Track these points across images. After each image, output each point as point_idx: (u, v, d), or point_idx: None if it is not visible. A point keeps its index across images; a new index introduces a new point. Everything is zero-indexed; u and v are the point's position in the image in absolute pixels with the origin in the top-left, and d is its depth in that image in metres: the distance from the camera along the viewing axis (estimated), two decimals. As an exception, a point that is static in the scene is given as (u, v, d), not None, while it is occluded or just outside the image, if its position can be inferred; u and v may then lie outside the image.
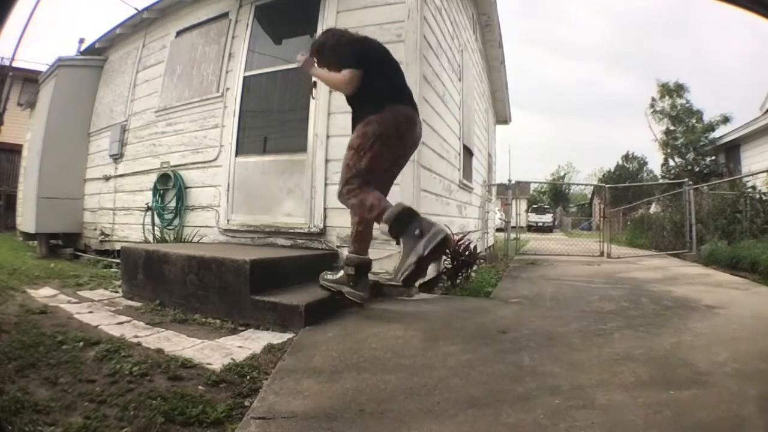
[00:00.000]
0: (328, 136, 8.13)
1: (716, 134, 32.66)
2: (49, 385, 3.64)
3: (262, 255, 6.65)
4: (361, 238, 5.85)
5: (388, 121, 5.44)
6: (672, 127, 37.07)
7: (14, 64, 19.81)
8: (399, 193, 7.41)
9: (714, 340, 5.05)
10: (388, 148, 5.62)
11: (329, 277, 6.11)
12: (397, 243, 5.05)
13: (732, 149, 27.23)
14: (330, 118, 8.17)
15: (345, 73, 5.49)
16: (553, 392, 3.55)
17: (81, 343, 4.65)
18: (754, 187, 17.45)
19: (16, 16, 2.22)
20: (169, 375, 3.93)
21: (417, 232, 4.80)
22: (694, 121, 35.84)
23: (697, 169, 32.44)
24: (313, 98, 8.29)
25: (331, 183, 8.00)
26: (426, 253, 4.74)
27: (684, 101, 37.34)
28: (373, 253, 7.39)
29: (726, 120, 33.30)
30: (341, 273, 5.93)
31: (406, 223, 4.91)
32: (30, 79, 22.43)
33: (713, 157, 31.95)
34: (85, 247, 13.25)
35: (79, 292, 7.56)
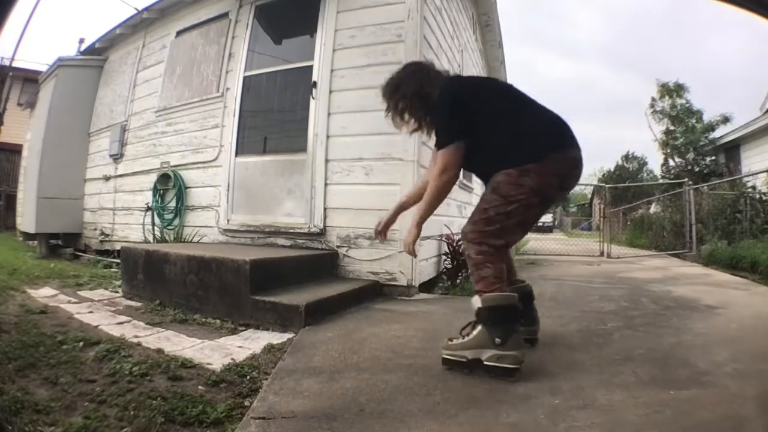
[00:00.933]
0: (328, 136, 8.13)
1: (716, 134, 32.64)
2: (49, 385, 3.65)
3: (262, 255, 6.65)
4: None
5: (549, 175, 4.05)
6: (672, 127, 37.05)
7: (14, 64, 19.81)
8: (399, 193, 7.42)
9: (714, 340, 5.04)
10: (547, 202, 4.39)
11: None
12: (475, 324, 3.98)
13: (732, 149, 27.20)
14: (330, 118, 8.17)
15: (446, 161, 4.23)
16: (553, 392, 3.55)
17: (81, 343, 4.65)
18: (754, 187, 17.44)
19: (16, 16, 2.21)
20: (169, 375, 3.94)
21: (498, 340, 3.83)
22: (693, 121, 35.81)
23: (697, 169, 32.40)
24: (313, 98, 8.29)
25: (331, 183, 8.03)
26: (485, 363, 3.86)
27: (684, 101, 37.34)
28: (373, 253, 7.42)
29: (726, 120, 33.29)
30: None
31: (502, 320, 3.90)
32: (30, 79, 22.43)
33: (713, 157, 31.92)
34: (85, 247, 13.26)
35: (79, 292, 7.56)
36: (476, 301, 3.97)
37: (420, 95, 4.44)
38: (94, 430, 2.99)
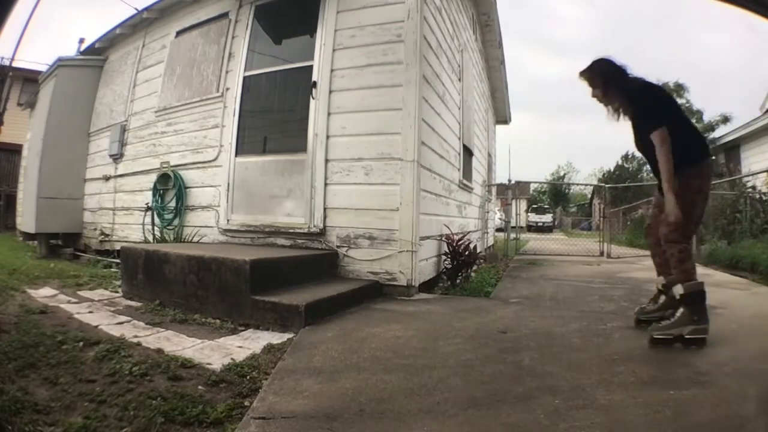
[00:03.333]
0: (328, 136, 8.13)
1: (716, 134, 32.63)
2: (49, 385, 3.65)
3: (262, 255, 6.65)
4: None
5: (706, 176, 5.25)
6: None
7: (14, 64, 19.82)
8: (399, 193, 7.43)
9: (714, 340, 5.03)
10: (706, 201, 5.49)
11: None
12: (678, 306, 5.01)
13: (732, 149, 27.18)
14: (330, 119, 8.16)
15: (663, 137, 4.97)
16: (553, 392, 3.56)
17: (81, 343, 4.66)
18: (754, 187, 17.44)
19: (16, 16, 2.22)
20: (169, 375, 3.94)
21: (695, 317, 4.85)
22: (693, 121, 35.85)
23: (697, 169, 32.43)
24: (313, 98, 8.29)
25: (331, 183, 8.03)
26: (687, 337, 4.81)
27: (684, 101, 37.34)
28: (373, 253, 7.42)
29: (726, 120, 33.33)
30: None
31: (698, 301, 4.93)
32: (30, 79, 22.46)
33: (713, 157, 31.94)
34: (85, 247, 13.25)
35: (79, 292, 7.57)
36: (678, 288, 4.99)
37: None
38: (94, 430, 3.00)
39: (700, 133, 5.33)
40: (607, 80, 5.29)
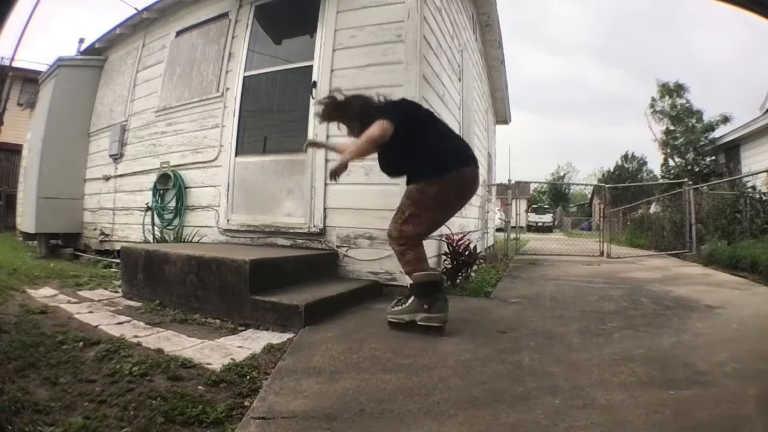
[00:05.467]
0: (327, 137, 8.10)
1: (716, 134, 32.64)
2: (49, 385, 3.65)
3: (261, 255, 6.66)
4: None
5: (450, 187, 5.44)
6: (672, 127, 37.07)
7: (14, 64, 19.80)
8: (399, 193, 7.43)
9: (714, 340, 5.05)
10: (449, 208, 5.84)
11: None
12: (408, 296, 5.43)
13: (732, 149, 27.20)
14: (330, 119, 8.13)
15: (379, 124, 5.10)
16: (553, 392, 3.56)
17: (81, 343, 4.67)
18: (754, 187, 17.45)
19: (16, 17, 2.21)
20: (169, 375, 3.94)
21: (425, 306, 5.23)
22: (694, 120, 35.82)
23: (697, 169, 32.42)
24: (313, 98, 8.28)
25: (331, 183, 8.00)
26: (420, 323, 5.23)
27: (684, 101, 37.36)
28: (373, 253, 7.42)
29: (726, 120, 33.31)
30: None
31: (426, 292, 5.26)
32: (30, 79, 22.45)
33: (713, 157, 31.92)
34: (85, 247, 13.25)
35: (79, 292, 7.57)
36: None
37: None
38: (94, 430, 3.00)
39: (454, 144, 5.69)
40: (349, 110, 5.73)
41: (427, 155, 5.32)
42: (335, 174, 4.97)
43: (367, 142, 5.05)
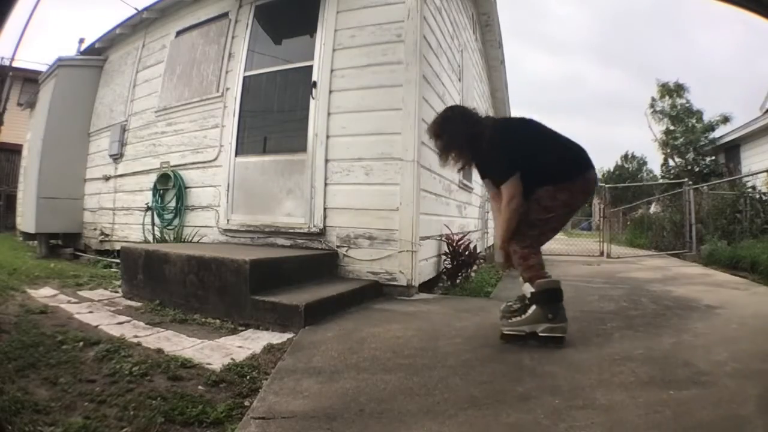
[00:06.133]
0: (328, 136, 8.14)
1: (716, 134, 32.59)
2: (49, 385, 3.65)
3: (262, 255, 6.66)
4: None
5: (579, 191, 5.27)
6: (672, 127, 37.01)
7: (14, 64, 19.79)
8: (399, 193, 7.44)
9: (714, 340, 5.05)
10: (572, 213, 5.66)
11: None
12: (529, 304, 5.05)
13: (732, 149, 27.18)
14: (330, 119, 8.17)
15: (510, 190, 4.99)
16: (553, 392, 3.56)
17: (81, 343, 4.67)
18: (754, 187, 17.46)
19: (15, 16, 2.21)
20: (169, 375, 3.95)
21: (550, 315, 4.90)
22: (694, 120, 35.76)
23: (697, 169, 32.33)
24: (313, 98, 8.29)
25: (331, 183, 8.04)
26: (542, 335, 4.86)
27: (684, 101, 37.30)
28: (373, 253, 7.42)
29: (726, 120, 33.24)
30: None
31: (550, 300, 4.98)
32: (30, 79, 22.44)
33: (713, 157, 31.88)
34: (85, 247, 13.25)
35: (79, 292, 7.57)
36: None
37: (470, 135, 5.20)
38: (94, 430, 3.00)
39: (574, 148, 5.32)
40: (453, 132, 5.32)
41: (555, 168, 5.11)
42: (507, 262, 5.26)
43: (512, 215, 4.97)
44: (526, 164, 4.98)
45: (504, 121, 5.59)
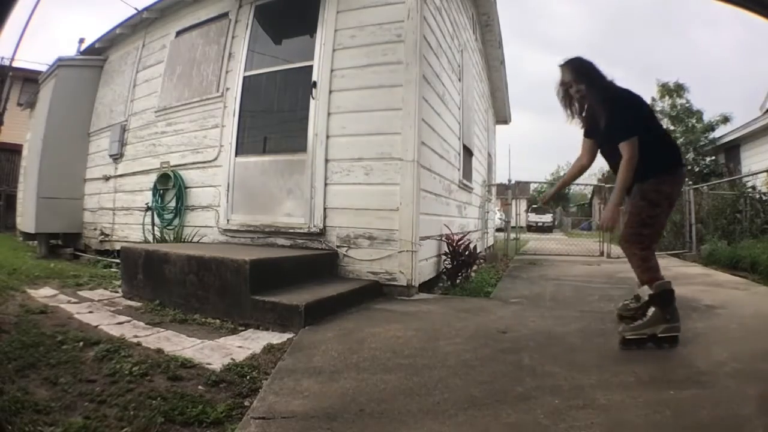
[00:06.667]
0: (328, 136, 8.14)
1: (716, 134, 32.52)
2: (49, 385, 3.66)
3: (262, 255, 6.68)
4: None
5: (677, 184, 5.41)
6: (672, 127, 36.93)
7: (14, 64, 19.78)
8: (399, 193, 7.44)
9: (714, 340, 5.06)
10: (672, 208, 5.62)
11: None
12: (647, 307, 5.04)
13: (732, 149, 27.13)
14: (330, 118, 8.18)
15: (631, 148, 5.01)
16: (553, 392, 3.56)
17: (81, 343, 4.67)
18: (754, 187, 17.46)
19: (16, 16, 2.21)
20: (169, 375, 3.95)
21: (668, 316, 4.89)
22: (694, 120, 35.68)
23: (697, 169, 32.26)
24: (313, 98, 8.29)
25: (331, 183, 8.05)
26: (660, 336, 4.84)
27: (684, 101, 37.21)
28: (373, 253, 7.43)
29: (726, 120, 33.15)
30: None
31: (668, 301, 4.98)
32: (30, 79, 22.40)
33: (713, 157, 31.82)
34: (85, 247, 13.25)
35: (79, 292, 7.57)
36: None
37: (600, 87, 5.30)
38: (94, 430, 3.01)
39: (674, 141, 5.49)
40: (591, 80, 5.30)
41: (658, 152, 5.15)
42: (613, 224, 5.35)
43: (629, 173, 4.98)
44: (642, 134, 5.01)
45: (625, 89, 5.43)
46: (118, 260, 9.41)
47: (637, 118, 5.13)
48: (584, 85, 5.30)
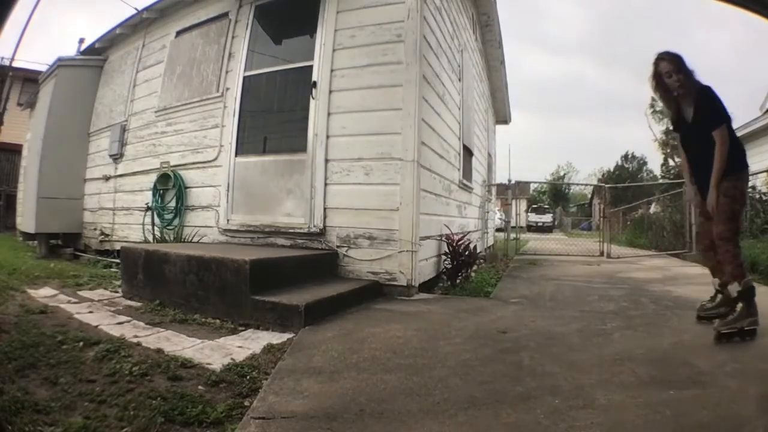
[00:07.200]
0: (328, 136, 8.14)
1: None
2: (49, 385, 3.66)
3: (262, 255, 6.67)
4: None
5: (747, 184, 5.78)
6: (672, 127, 36.88)
7: (14, 65, 19.77)
8: (399, 193, 7.44)
9: (713, 340, 5.05)
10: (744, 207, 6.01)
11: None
12: (735, 303, 5.29)
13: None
14: (330, 119, 8.17)
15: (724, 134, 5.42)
16: (553, 392, 3.56)
17: (81, 343, 4.67)
18: (753, 187, 17.43)
19: (15, 16, 2.22)
20: (169, 375, 3.95)
21: (752, 310, 5.12)
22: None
23: (697, 169, 32.23)
24: (313, 98, 8.29)
25: (331, 183, 8.05)
26: (746, 329, 5.04)
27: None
28: (373, 253, 7.43)
29: (727, 120, 33.17)
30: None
31: (752, 296, 5.21)
32: (30, 79, 22.41)
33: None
34: (84, 247, 13.24)
35: (79, 292, 7.57)
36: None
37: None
38: (94, 430, 3.01)
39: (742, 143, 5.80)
40: (688, 72, 5.60)
41: (735, 152, 5.51)
42: (714, 207, 5.44)
43: (726, 154, 5.34)
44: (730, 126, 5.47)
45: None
46: (118, 260, 9.41)
47: (726, 109, 5.48)
48: (683, 75, 5.60)
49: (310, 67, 8.49)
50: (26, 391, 3.49)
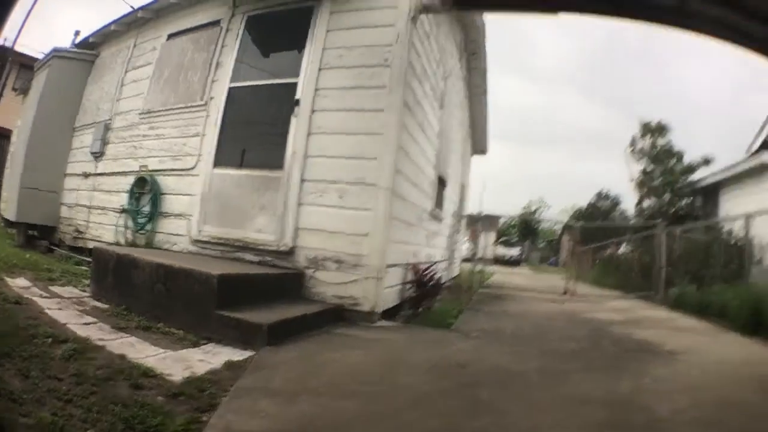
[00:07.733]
0: (306, 156, 8.15)
1: (697, 176, 32.63)
2: (22, 377, 3.73)
3: (230, 270, 6.76)
4: None
5: None
6: (651, 167, 37.01)
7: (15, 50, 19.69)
8: (370, 219, 7.47)
9: (674, 386, 5.14)
10: None
11: None
12: None
13: (710, 192, 27.18)
14: (309, 138, 8.18)
15: None
16: (510, 430, 3.61)
17: (50, 339, 4.72)
18: (730, 232, 17.55)
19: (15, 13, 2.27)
20: (131, 382, 3.99)
21: None
22: (674, 161, 35.79)
23: (672, 211, 32.38)
24: (295, 116, 8.34)
25: (305, 203, 8.06)
26: None
27: (665, 141, 37.30)
28: (340, 277, 7.45)
29: (707, 162, 33.35)
30: None
31: None
32: (26, 65, 22.23)
33: (690, 199, 31.95)
34: (59, 242, 13.14)
35: (50, 287, 7.57)
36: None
37: None
38: (61, 428, 3.06)
39: None
40: None
41: None
42: None
43: None
44: None
45: None
46: (89, 259, 9.37)
47: None
48: None
49: (295, 85, 8.52)
50: (2, 379, 3.56)
